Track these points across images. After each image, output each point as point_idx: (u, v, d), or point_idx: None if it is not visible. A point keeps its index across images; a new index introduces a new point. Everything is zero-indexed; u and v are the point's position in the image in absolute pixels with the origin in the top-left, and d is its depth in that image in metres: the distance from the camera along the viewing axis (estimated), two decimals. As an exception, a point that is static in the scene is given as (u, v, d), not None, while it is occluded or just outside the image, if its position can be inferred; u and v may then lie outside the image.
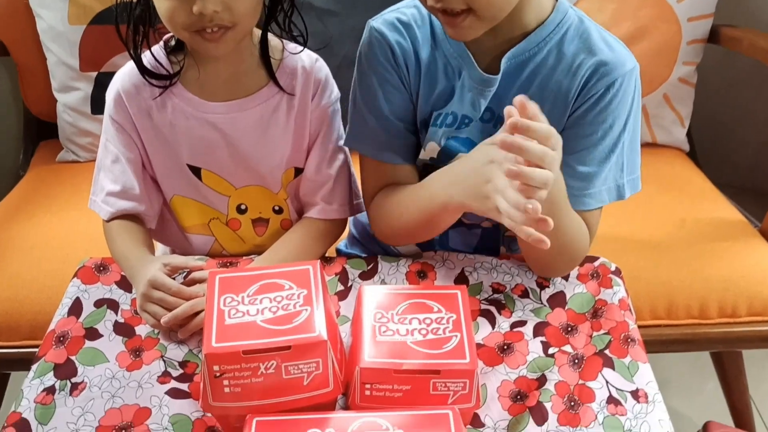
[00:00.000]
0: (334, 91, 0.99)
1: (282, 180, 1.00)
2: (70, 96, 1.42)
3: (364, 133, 0.94)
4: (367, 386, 0.70)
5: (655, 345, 1.12)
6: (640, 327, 0.86)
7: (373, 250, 1.06)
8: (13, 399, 0.78)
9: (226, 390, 0.68)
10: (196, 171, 0.98)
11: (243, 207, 1.01)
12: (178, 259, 0.91)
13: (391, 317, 0.74)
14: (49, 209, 1.31)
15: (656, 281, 1.15)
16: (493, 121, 0.90)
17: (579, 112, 0.86)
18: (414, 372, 0.69)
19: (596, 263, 0.92)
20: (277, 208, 1.02)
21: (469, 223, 0.96)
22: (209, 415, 0.75)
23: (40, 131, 1.58)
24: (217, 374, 0.67)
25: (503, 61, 0.86)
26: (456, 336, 0.72)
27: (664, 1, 1.41)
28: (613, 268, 0.92)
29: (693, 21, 1.43)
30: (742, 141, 1.82)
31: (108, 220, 0.96)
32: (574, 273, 0.91)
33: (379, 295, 0.77)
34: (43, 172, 1.47)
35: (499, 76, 0.86)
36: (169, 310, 0.84)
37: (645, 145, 1.44)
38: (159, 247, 1.07)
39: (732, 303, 1.14)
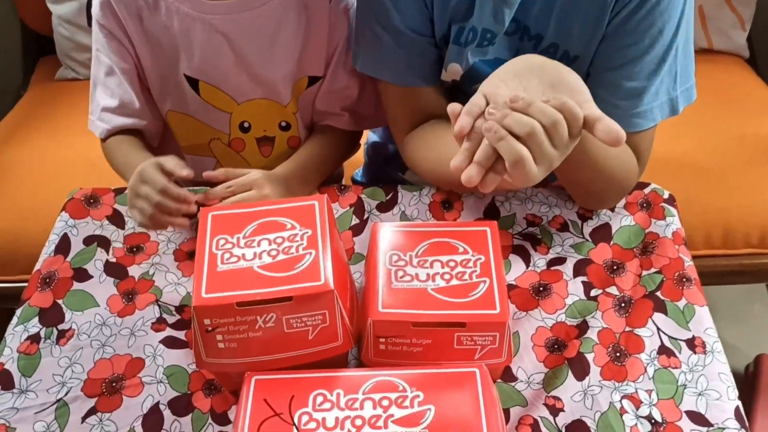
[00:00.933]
0: None
1: (293, 90, 0.89)
2: (63, 7, 1.32)
3: (379, 53, 0.81)
4: (382, 340, 0.61)
5: (710, 277, 1.00)
6: (695, 257, 0.75)
7: (392, 177, 0.96)
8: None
9: (221, 345, 0.60)
10: (193, 84, 0.87)
11: (246, 125, 0.91)
12: (172, 162, 0.77)
13: (409, 260, 0.64)
14: (47, 133, 1.23)
15: (711, 207, 1.04)
16: (519, 33, 0.76)
17: (621, 17, 0.72)
18: (435, 324, 0.60)
19: (646, 190, 0.81)
20: (284, 124, 0.92)
21: None
22: (209, 366, 0.67)
23: (40, 46, 1.49)
24: (209, 329, 0.59)
25: None
26: (484, 282, 0.62)
27: None
28: (665, 196, 0.80)
29: None
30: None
31: (104, 139, 0.88)
32: (621, 202, 0.80)
33: (395, 234, 0.67)
34: (43, 90, 1.38)
35: None
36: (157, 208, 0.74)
37: (699, 52, 1.27)
38: None
39: (795, 229, 1.02)
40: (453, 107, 0.60)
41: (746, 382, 1.23)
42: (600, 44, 0.74)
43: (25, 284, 0.78)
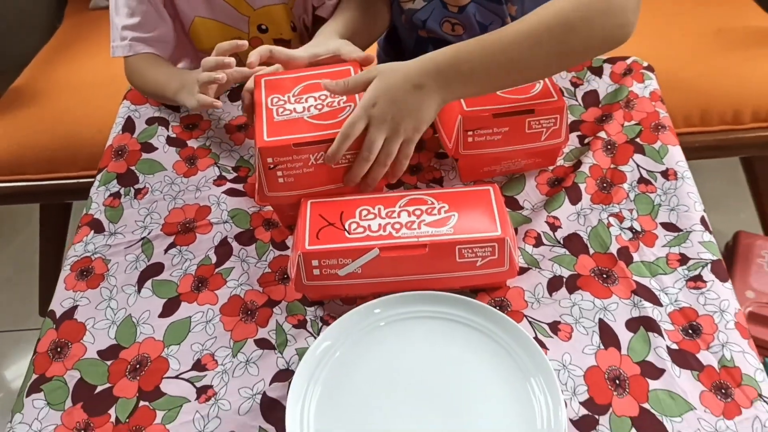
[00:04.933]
0: None
1: None
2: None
3: None
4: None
5: (689, 152, 1.11)
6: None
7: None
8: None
9: (280, 181, 0.73)
10: None
11: (264, 27, 1.03)
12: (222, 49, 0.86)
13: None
14: (88, 52, 1.34)
15: (690, 90, 1.16)
16: None
17: None
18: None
19: (628, 61, 0.93)
20: (292, 25, 1.04)
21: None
22: (266, 208, 0.81)
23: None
24: (271, 166, 0.72)
25: None
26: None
27: None
28: (645, 65, 0.93)
29: None
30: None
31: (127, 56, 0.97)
32: (607, 71, 0.92)
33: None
34: (79, 20, 1.49)
35: None
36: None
37: None
38: None
39: (767, 108, 1.15)
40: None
41: (726, 256, 1.37)
42: None
43: (86, 180, 0.90)
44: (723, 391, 0.63)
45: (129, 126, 0.93)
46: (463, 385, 0.62)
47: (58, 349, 0.70)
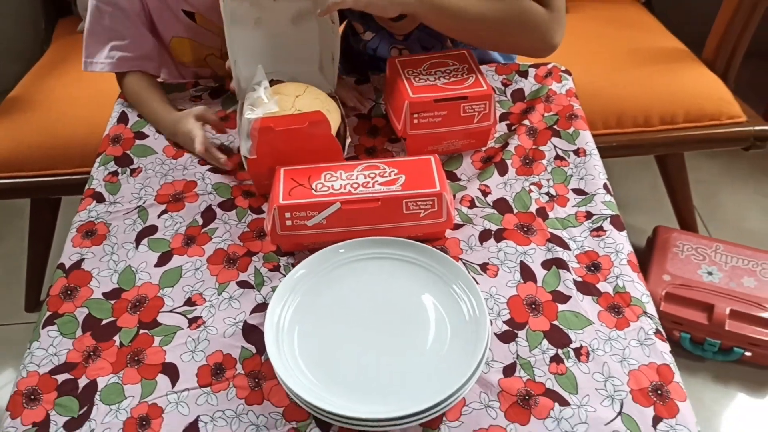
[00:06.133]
0: None
1: None
2: (84, -32, 1.57)
3: None
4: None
5: (607, 150, 1.33)
6: (594, 135, 1.04)
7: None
8: (66, 228, 0.94)
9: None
10: (190, 15, 1.14)
11: None
12: (205, 113, 1.02)
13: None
14: (77, 68, 1.47)
15: (608, 97, 1.36)
16: None
17: None
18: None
19: (549, 66, 1.11)
20: None
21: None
22: (245, 182, 0.95)
23: (57, 9, 1.73)
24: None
25: None
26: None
27: None
28: (563, 69, 1.11)
29: None
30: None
31: (117, 74, 1.10)
32: (531, 74, 1.10)
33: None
34: (66, 42, 1.63)
35: None
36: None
37: None
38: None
39: (672, 112, 1.35)
40: None
41: (646, 248, 1.55)
42: None
43: (80, 176, 1.03)
44: (616, 310, 0.79)
45: (123, 118, 1.08)
46: (409, 302, 0.77)
47: (68, 292, 0.83)
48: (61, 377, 0.75)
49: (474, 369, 0.69)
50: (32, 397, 0.74)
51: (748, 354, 1.38)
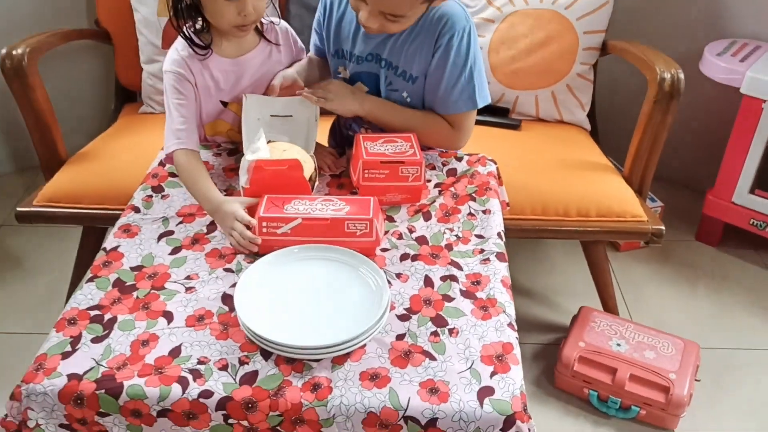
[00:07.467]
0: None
1: None
2: (152, 66, 2.04)
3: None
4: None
5: (532, 232, 1.69)
6: (523, 220, 1.40)
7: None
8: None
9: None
10: (224, 104, 1.55)
11: None
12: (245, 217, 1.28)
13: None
14: (136, 138, 1.90)
15: (536, 190, 1.71)
16: (376, 61, 1.46)
17: (437, 54, 1.39)
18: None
19: (479, 155, 1.49)
20: None
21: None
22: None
23: (124, 98, 2.21)
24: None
25: None
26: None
27: (566, 18, 2.00)
28: (489, 158, 1.49)
29: (588, 33, 2.02)
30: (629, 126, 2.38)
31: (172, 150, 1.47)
32: (465, 159, 1.48)
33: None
34: (130, 119, 2.08)
35: None
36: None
37: (554, 122, 2.05)
38: None
39: (586, 208, 1.70)
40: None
41: (570, 324, 1.85)
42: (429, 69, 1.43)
43: (122, 210, 1.43)
44: (484, 308, 1.11)
45: (162, 164, 1.47)
46: (339, 282, 1.11)
47: (105, 264, 1.19)
48: (92, 312, 1.09)
49: (375, 321, 1.01)
50: (71, 321, 1.07)
51: (643, 412, 1.64)
